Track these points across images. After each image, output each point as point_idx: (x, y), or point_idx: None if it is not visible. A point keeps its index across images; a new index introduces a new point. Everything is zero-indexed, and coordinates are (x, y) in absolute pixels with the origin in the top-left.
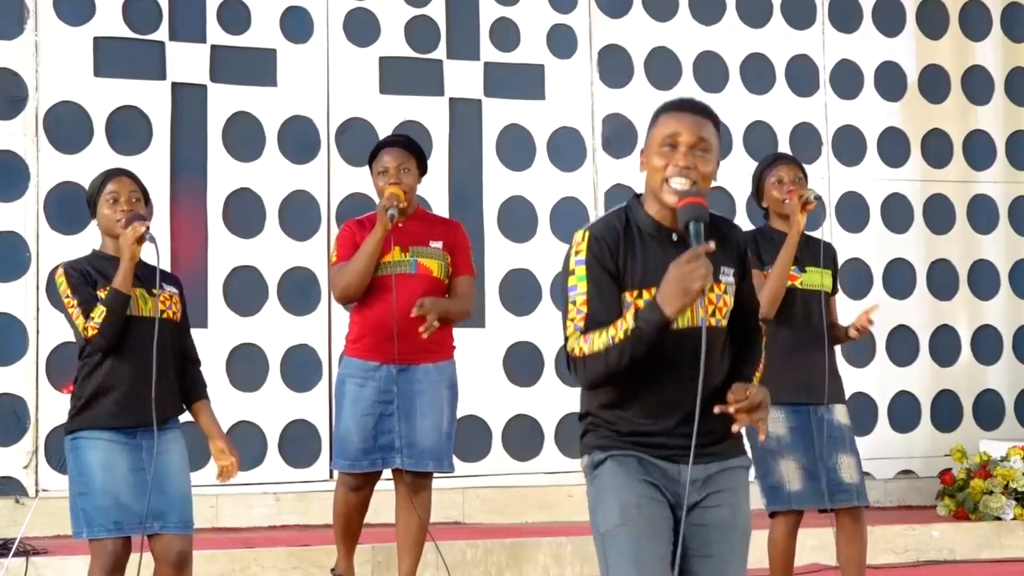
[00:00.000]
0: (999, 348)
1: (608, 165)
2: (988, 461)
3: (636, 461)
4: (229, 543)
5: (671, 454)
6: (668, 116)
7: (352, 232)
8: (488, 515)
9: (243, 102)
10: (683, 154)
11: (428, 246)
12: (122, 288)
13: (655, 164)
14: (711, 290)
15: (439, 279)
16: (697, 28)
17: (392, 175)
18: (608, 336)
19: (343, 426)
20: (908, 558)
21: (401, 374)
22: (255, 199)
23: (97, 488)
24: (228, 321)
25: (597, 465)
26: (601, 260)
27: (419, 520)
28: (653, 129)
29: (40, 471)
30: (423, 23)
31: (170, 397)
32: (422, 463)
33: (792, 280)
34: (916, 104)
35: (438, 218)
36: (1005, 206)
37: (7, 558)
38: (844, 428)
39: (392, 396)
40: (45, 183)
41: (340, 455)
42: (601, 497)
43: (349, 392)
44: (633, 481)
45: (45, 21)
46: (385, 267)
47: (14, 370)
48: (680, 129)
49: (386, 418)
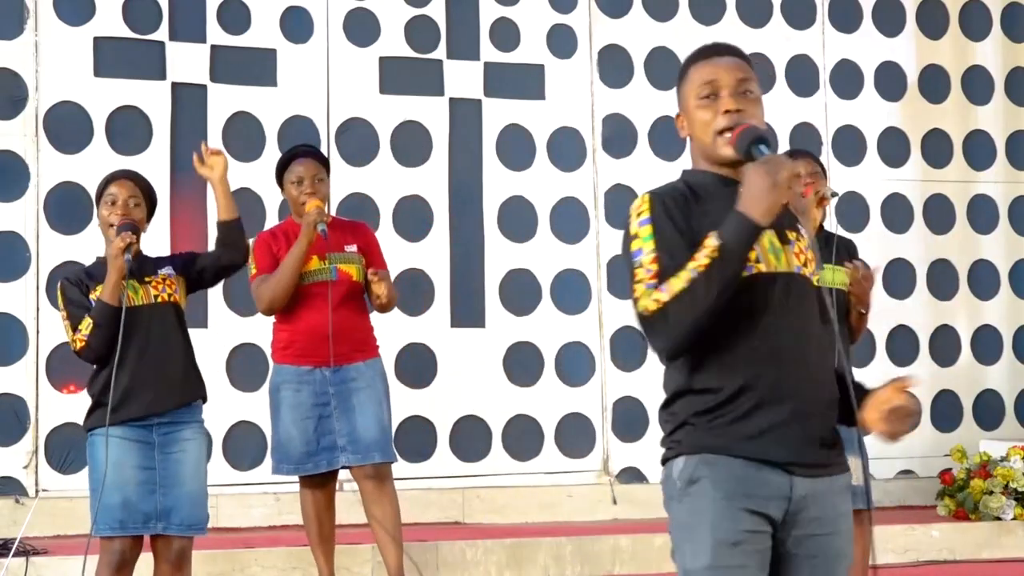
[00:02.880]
0: (999, 348)
1: (608, 165)
2: (988, 461)
3: (738, 477)
4: (229, 543)
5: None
6: (700, 64)
7: (267, 244)
8: (488, 515)
9: (243, 102)
10: (728, 98)
11: (344, 251)
12: (108, 300)
13: (700, 119)
14: (797, 239)
15: (358, 282)
16: (697, 28)
17: (308, 185)
18: (689, 271)
19: (283, 431)
20: (908, 558)
21: (335, 375)
22: (255, 199)
23: (106, 486)
24: (228, 321)
25: (691, 483)
26: (670, 215)
27: (391, 511)
28: (684, 85)
29: (40, 471)
30: (423, 23)
31: (181, 385)
32: (369, 456)
33: None
34: (916, 104)
35: (346, 222)
36: (1005, 206)
37: (7, 558)
38: (853, 430)
39: (329, 398)
40: (45, 183)
41: (283, 460)
42: (693, 526)
43: (286, 398)
44: (734, 511)
45: (45, 21)
46: (307, 276)
47: (14, 370)
48: (717, 73)
49: (325, 420)
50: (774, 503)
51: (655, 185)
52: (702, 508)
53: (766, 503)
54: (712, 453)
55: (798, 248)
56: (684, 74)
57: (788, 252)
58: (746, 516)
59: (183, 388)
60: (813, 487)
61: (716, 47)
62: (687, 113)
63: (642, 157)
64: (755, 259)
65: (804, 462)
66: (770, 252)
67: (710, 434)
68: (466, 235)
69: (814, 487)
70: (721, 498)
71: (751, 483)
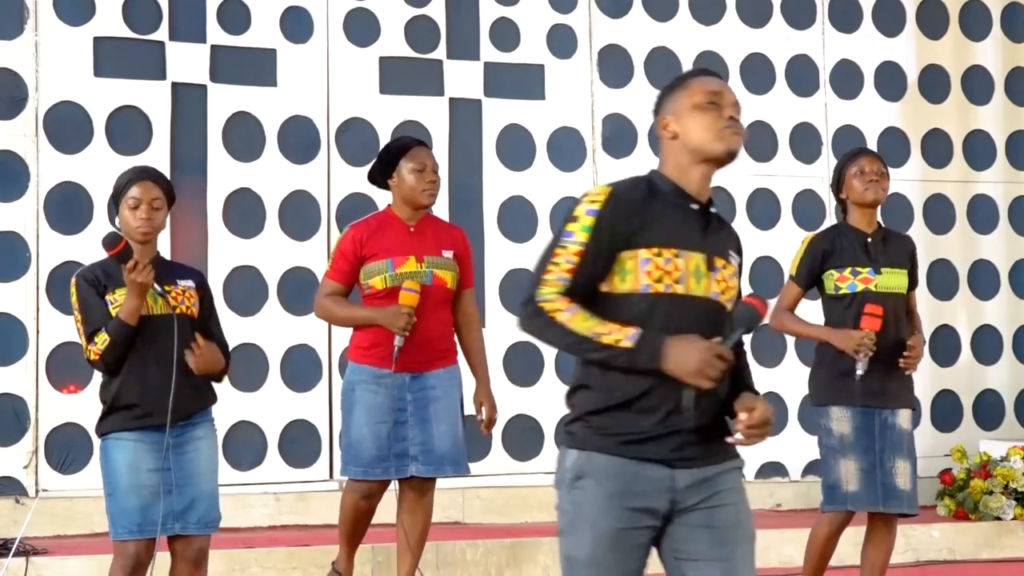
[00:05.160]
0: (999, 348)
1: (608, 165)
2: (988, 461)
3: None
4: (229, 543)
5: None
6: (704, 79)
7: (355, 244)
8: (488, 515)
9: (243, 102)
10: (731, 109)
11: (442, 256)
12: (128, 320)
13: (700, 122)
14: (724, 267)
15: (451, 290)
16: (697, 28)
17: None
18: (596, 330)
19: (356, 432)
20: (908, 558)
21: (414, 381)
22: (255, 199)
23: (121, 489)
24: (228, 321)
25: (578, 478)
26: (615, 219)
27: (422, 523)
28: (681, 92)
29: (40, 471)
30: (423, 23)
31: (193, 393)
32: (441, 469)
33: (867, 283)
34: (916, 104)
35: (443, 224)
36: (1005, 206)
37: (7, 558)
38: (904, 433)
39: (405, 404)
40: (45, 183)
41: (353, 462)
42: (576, 519)
43: (362, 398)
44: (615, 509)
45: (45, 21)
46: (401, 277)
47: (14, 370)
48: (723, 89)
49: (400, 426)
50: (657, 496)
51: None
52: (585, 504)
53: (649, 498)
54: (598, 452)
55: (721, 276)
56: (684, 83)
57: (710, 279)
58: (627, 513)
59: (196, 398)
60: (699, 475)
61: (716, 73)
62: (682, 116)
63: (642, 157)
64: (676, 280)
65: (684, 457)
66: (693, 276)
67: (598, 434)
68: None
69: (701, 475)
70: (603, 497)
71: (633, 481)
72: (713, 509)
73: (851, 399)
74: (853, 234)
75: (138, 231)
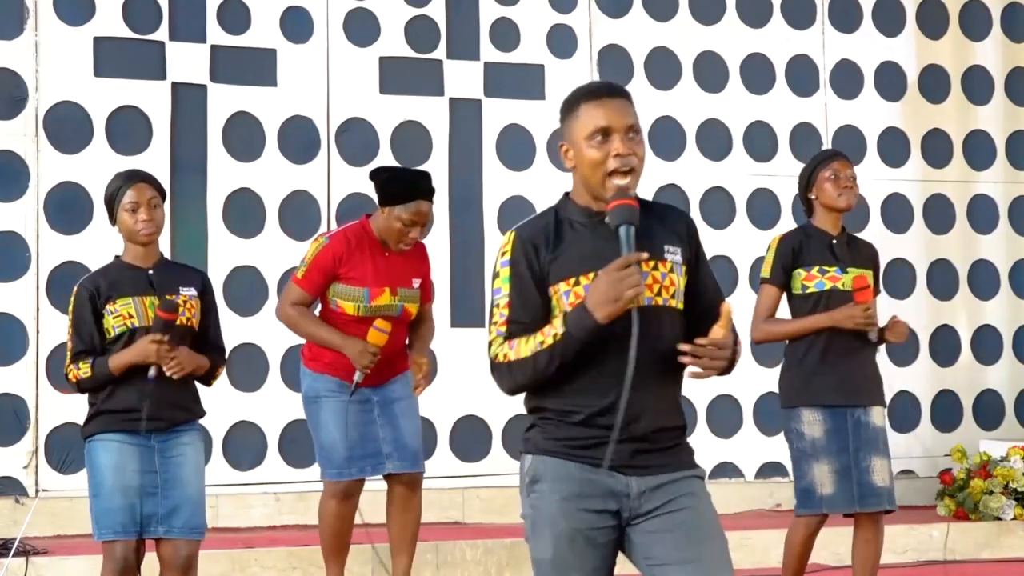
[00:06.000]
0: (999, 348)
1: None
2: (988, 461)
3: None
4: (229, 543)
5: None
6: (590, 106)
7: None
8: (488, 515)
9: (243, 102)
10: (621, 141)
11: (412, 288)
12: (114, 372)
13: (591, 157)
14: (655, 268)
15: (413, 314)
16: (697, 28)
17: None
18: (536, 342)
19: (327, 436)
20: (908, 558)
21: (374, 390)
22: (255, 199)
23: (106, 491)
24: (228, 321)
25: (534, 482)
26: (526, 262)
27: (414, 521)
28: (573, 121)
29: (40, 471)
30: (423, 23)
31: (183, 403)
32: (417, 464)
33: (835, 281)
34: (916, 104)
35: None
36: (1005, 206)
37: (7, 558)
38: (879, 430)
39: (372, 406)
40: (45, 183)
41: (327, 465)
42: (537, 521)
43: (328, 404)
44: (571, 511)
45: (45, 21)
46: (374, 310)
47: (14, 370)
48: (610, 119)
49: (370, 426)
50: (612, 499)
51: (655, 186)
52: (543, 506)
53: (603, 501)
54: (552, 457)
55: (652, 278)
56: (574, 110)
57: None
58: (583, 514)
59: (186, 409)
60: (652, 482)
61: (608, 88)
62: (575, 148)
63: None
64: None
65: (636, 465)
66: None
67: (551, 439)
68: (466, 235)
69: (655, 481)
70: (559, 499)
71: (586, 485)
72: (671, 513)
73: (821, 398)
74: (819, 235)
75: (142, 233)
